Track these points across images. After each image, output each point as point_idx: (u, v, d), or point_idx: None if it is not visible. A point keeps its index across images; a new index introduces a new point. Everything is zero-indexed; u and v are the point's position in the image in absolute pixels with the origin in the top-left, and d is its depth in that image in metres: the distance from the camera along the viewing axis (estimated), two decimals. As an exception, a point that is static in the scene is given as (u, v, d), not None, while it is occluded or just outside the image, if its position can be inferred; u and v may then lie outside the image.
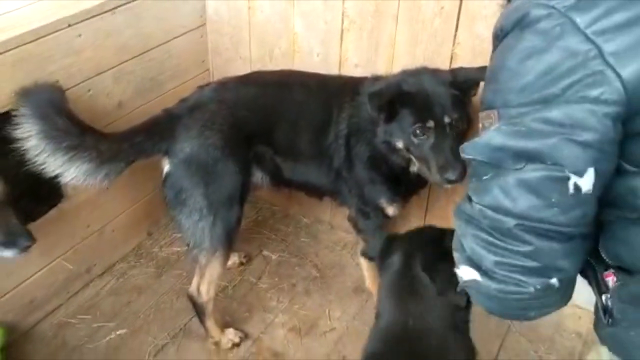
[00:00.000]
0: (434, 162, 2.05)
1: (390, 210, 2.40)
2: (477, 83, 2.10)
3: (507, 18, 1.20)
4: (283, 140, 2.37)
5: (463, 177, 1.97)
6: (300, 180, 2.50)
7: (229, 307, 2.70)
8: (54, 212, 2.47)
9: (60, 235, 2.54)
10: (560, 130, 1.08)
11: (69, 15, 2.26)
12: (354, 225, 2.56)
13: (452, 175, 1.99)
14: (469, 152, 1.22)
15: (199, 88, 2.42)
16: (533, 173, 1.12)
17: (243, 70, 2.71)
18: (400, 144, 2.12)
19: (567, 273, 1.19)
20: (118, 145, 2.18)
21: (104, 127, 2.37)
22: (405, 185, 2.34)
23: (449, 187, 2.15)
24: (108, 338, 2.52)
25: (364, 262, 2.65)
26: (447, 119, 2.04)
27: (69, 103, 2.18)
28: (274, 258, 2.98)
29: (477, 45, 2.33)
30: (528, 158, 1.12)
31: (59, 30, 2.23)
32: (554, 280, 1.18)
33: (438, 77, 2.12)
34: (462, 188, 1.91)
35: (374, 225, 2.45)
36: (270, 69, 2.75)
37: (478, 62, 2.19)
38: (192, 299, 2.43)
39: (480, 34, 2.30)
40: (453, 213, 1.34)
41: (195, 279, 2.40)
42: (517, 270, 1.18)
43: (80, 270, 2.71)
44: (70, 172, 2.10)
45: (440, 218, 2.63)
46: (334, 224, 3.13)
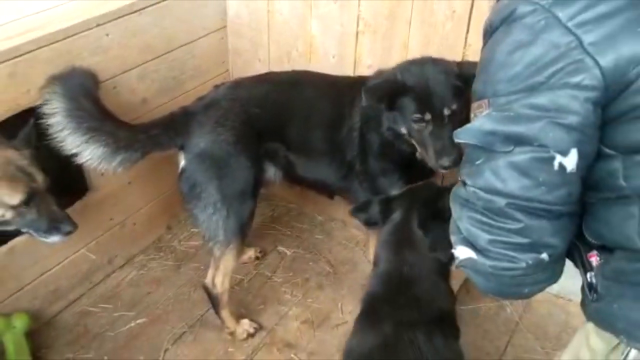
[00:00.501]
0: (432, 148, 2.15)
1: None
2: None
3: (495, 15, 1.29)
4: (295, 137, 2.44)
5: (458, 163, 2.02)
6: (312, 177, 2.56)
7: (245, 299, 2.77)
8: (79, 204, 2.56)
9: (84, 227, 2.57)
10: (546, 115, 1.17)
11: (98, 15, 2.37)
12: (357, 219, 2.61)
13: (446, 162, 2.12)
14: (462, 136, 1.31)
15: (215, 87, 2.50)
16: (521, 155, 1.21)
17: (261, 71, 2.80)
18: (404, 130, 2.21)
19: (556, 249, 1.27)
20: (135, 135, 2.26)
21: (129, 122, 2.46)
22: (415, 174, 2.38)
23: (445, 172, 2.28)
24: (128, 326, 2.60)
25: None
26: (446, 111, 2.12)
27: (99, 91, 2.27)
28: (289, 253, 3.05)
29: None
30: (516, 141, 1.21)
31: (89, 30, 2.34)
32: (544, 255, 1.26)
33: (442, 67, 2.18)
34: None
35: None
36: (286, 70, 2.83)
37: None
38: (207, 291, 2.50)
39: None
40: (450, 198, 1.42)
41: (211, 271, 2.47)
42: (509, 247, 1.26)
43: (103, 261, 2.79)
44: (86, 153, 2.16)
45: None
46: (347, 222, 3.19)
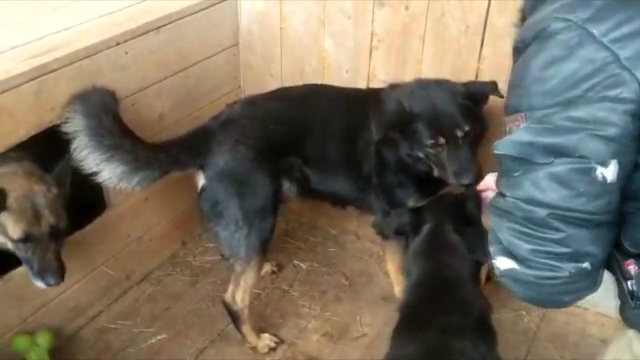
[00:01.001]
0: (450, 169, 2.22)
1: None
2: (487, 95, 2.26)
3: (527, 32, 1.33)
4: (312, 150, 2.45)
5: (476, 180, 2.09)
6: (328, 190, 2.57)
7: (263, 313, 2.78)
8: (98, 220, 2.58)
9: (103, 243, 2.64)
10: (585, 127, 1.20)
11: (119, 34, 2.40)
12: (379, 231, 2.60)
13: (466, 180, 2.19)
14: (501, 148, 1.33)
15: (228, 106, 2.50)
16: (561, 166, 1.23)
17: (273, 86, 2.82)
18: (421, 154, 2.27)
19: (596, 257, 1.29)
20: (154, 154, 2.27)
21: (146, 137, 2.46)
22: (432, 186, 2.42)
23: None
24: (149, 342, 2.59)
25: (392, 270, 2.70)
26: (459, 132, 2.18)
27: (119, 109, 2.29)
28: (304, 267, 3.06)
29: (501, 61, 2.40)
30: (556, 153, 1.23)
31: (109, 48, 2.37)
32: (586, 265, 1.28)
33: (448, 89, 2.24)
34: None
35: None
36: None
37: (502, 76, 2.28)
38: (227, 307, 2.50)
39: (506, 50, 2.39)
40: (487, 210, 1.45)
41: (231, 287, 2.47)
42: (551, 257, 1.28)
43: (121, 278, 2.80)
44: (106, 172, 2.17)
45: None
46: (360, 235, 3.21)
